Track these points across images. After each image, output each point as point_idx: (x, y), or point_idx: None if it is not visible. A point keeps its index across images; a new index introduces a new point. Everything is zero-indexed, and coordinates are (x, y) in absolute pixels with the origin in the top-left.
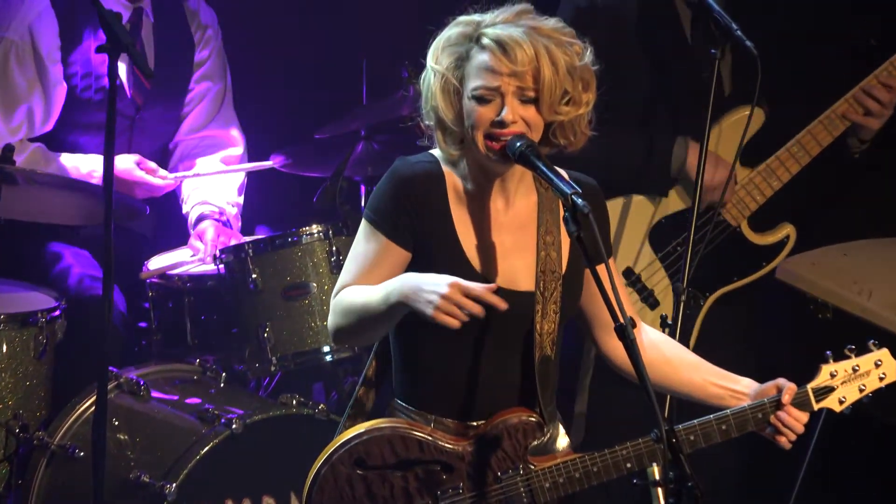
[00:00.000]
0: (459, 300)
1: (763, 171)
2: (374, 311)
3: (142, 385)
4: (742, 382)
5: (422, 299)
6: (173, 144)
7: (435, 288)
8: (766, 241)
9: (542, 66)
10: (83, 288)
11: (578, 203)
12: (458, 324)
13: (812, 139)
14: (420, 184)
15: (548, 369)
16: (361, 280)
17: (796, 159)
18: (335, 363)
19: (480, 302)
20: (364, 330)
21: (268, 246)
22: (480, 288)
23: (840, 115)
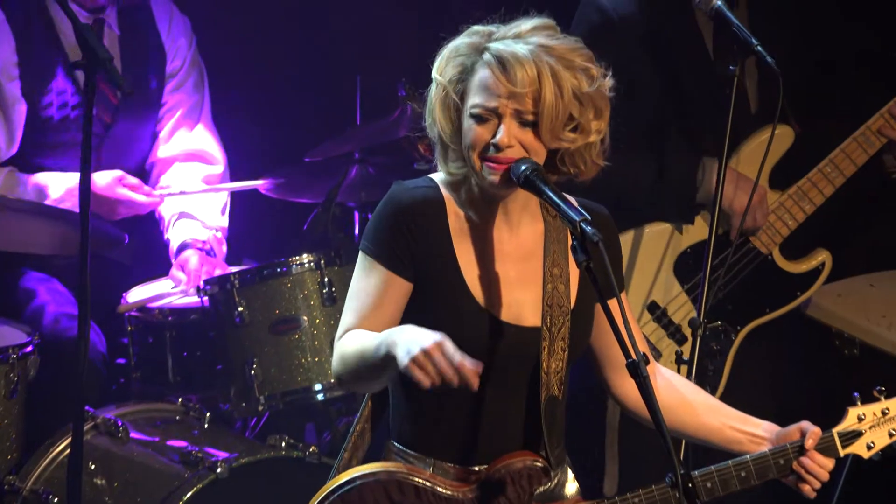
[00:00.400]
0: (437, 360)
1: (794, 195)
2: (369, 361)
3: (120, 426)
4: (762, 426)
5: (403, 347)
6: (150, 164)
7: (419, 339)
8: (800, 269)
9: (544, 88)
10: (60, 329)
11: (588, 231)
12: (428, 383)
13: (846, 158)
14: (419, 210)
15: (555, 410)
16: (366, 318)
17: (829, 180)
18: (327, 402)
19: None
20: (362, 379)
21: (255, 277)
22: (463, 360)
23: (875, 131)
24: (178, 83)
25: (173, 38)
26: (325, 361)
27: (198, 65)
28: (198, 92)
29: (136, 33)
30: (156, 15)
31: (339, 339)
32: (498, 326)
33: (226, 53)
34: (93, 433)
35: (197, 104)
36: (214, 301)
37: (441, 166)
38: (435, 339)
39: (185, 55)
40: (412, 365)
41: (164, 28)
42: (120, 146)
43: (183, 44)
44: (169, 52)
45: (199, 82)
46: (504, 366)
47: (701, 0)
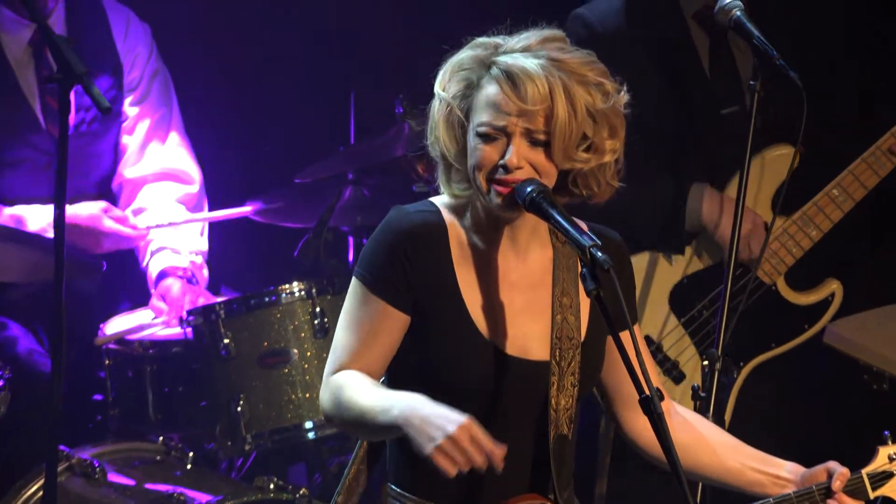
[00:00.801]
0: (466, 447)
1: (799, 220)
2: (370, 424)
3: (97, 466)
4: (786, 467)
5: (425, 434)
6: (117, 186)
7: (444, 425)
8: (807, 301)
9: (557, 105)
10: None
11: (598, 257)
12: (455, 472)
13: (855, 181)
14: (419, 236)
15: (564, 449)
16: (359, 353)
17: (837, 205)
18: (319, 441)
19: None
20: (358, 432)
21: (242, 307)
22: (490, 445)
23: (886, 150)
24: (140, 96)
25: (130, 46)
26: (316, 397)
27: (161, 75)
28: (164, 104)
29: (87, 40)
30: (111, 21)
31: (331, 373)
32: (503, 360)
33: (211, 68)
34: (67, 474)
35: (164, 118)
36: (198, 333)
37: (444, 188)
38: (460, 422)
39: (143, 65)
40: (437, 454)
41: (120, 36)
42: (79, 164)
43: (142, 52)
44: (125, 62)
45: (163, 94)
46: (510, 402)
47: (719, 10)
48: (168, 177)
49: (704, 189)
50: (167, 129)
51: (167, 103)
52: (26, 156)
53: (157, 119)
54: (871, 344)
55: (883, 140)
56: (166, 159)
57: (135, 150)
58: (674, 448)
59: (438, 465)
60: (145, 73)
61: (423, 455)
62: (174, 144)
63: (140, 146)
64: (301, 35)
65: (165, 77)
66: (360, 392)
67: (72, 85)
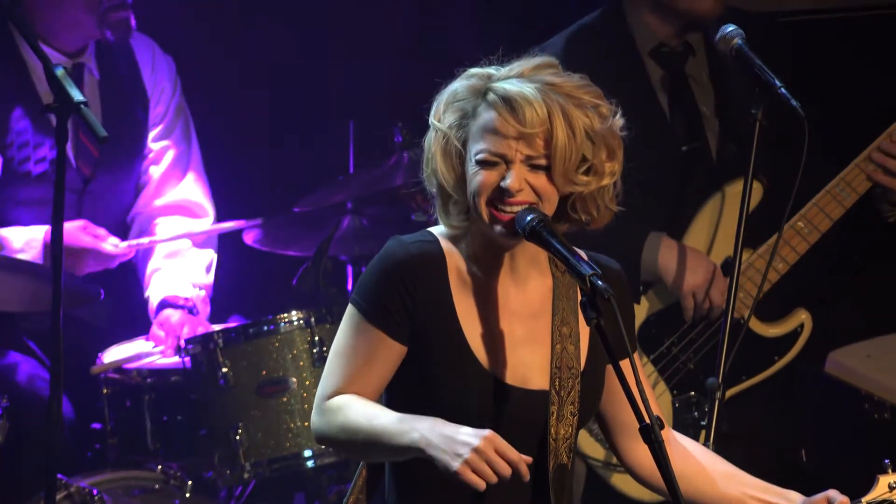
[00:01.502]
0: (492, 459)
1: (765, 254)
2: (388, 443)
3: (95, 495)
4: (787, 496)
5: (450, 451)
6: (130, 217)
7: (468, 440)
8: (776, 333)
9: (556, 128)
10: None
11: (599, 285)
12: (484, 485)
13: (820, 212)
14: (417, 267)
15: (563, 479)
16: (353, 380)
17: (803, 237)
18: (318, 470)
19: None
20: (364, 453)
21: (240, 335)
22: (517, 455)
23: (849, 182)
24: (164, 132)
25: (157, 80)
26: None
27: (183, 111)
28: (185, 141)
29: (117, 78)
30: (137, 55)
31: (325, 397)
32: (503, 390)
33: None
34: (65, 503)
35: (184, 154)
36: (197, 361)
37: (442, 219)
38: (485, 435)
39: (168, 100)
40: (465, 469)
41: (147, 70)
42: (101, 200)
43: (167, 87)
44: (152, 97)
45: (185, 130)
46: (509, 432)
47: (720, 39)
48: (180, 210)
49: (661, 238)
50: (187, 166)
51: (187, 140)
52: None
53: (177, 155)
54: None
55: (847, 172)
56: (183, 192)
57: (155, 184)
58: (674, 476)
59: (467, 480)
60: (170, 108)
61: (450, 473)
62: (192, 181)
63: (161, 180)
64: (300, 64)
65: (187, 113)
66: (370, 414)
67: (69, 114)
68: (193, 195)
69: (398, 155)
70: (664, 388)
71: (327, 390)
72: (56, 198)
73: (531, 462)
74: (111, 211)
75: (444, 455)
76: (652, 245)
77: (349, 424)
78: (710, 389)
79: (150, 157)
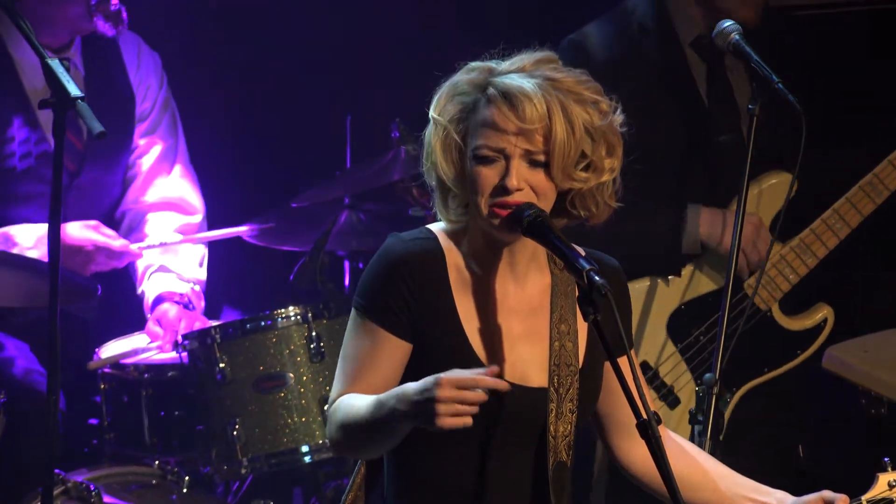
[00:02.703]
0: (458, 396)
1: (796, 247)
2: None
3: (93, 490)
4: (775, 496)
5: (421, 413)
6: (120, 213)
7: (427, 395)
8: (800, 326)
9: (555, 124)
10: (25, 382)
11: (596, 281)
12: (470, 420)
13: (852, 208)
14: (417, 264)
15: (563, 477)
16: (360, 383)
17: (834, 232)
18: (315, 465)
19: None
20: (368, 447)
21: (238, 331)
22: (473, 374)
23: (882, 178)
24: (150, 126)
25: (142, 77)
26: (312, 421)
27: (170, 106)
28: (172, 135)
29: (102, 72)
30: (123, 52)
31: (331, 403)
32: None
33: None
34: (63, 498)
35: (171, 148)
36: (194, 357)
37: (441, 214)
38: (435, 383)
39: (155, 95)
40: (444, 420)
41: (133, 66)
42: (87, 195)
43: (153, 83)
44: (138, 93)
45: (172, 125)
46: (508, 429)
47: (718, 34)
48: (171, 206)
49: (700, 209)
50: (174, 160)
51: (174, 134)
52: (42, 190)
53: (164, 150)
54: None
55: (880, 168)
56: (171, 190)
57: (142, 180)
58: (671, 471)
59: (453, 426)
60: (157, 103)
61: (434, 430)
62: (179, 175)
63: (147, 176)
64: (297, 60)
65: (174, 108)
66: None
67: (66, 109)
68: (182, 191)
69: (395, 150)
70: (689, 377)
71: (333, 395)
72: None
73: (497, 371)
74: (98, 206)
75: (418, 418)
76: (692, 216)
77: (344, 421)
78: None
79: (137, 152)
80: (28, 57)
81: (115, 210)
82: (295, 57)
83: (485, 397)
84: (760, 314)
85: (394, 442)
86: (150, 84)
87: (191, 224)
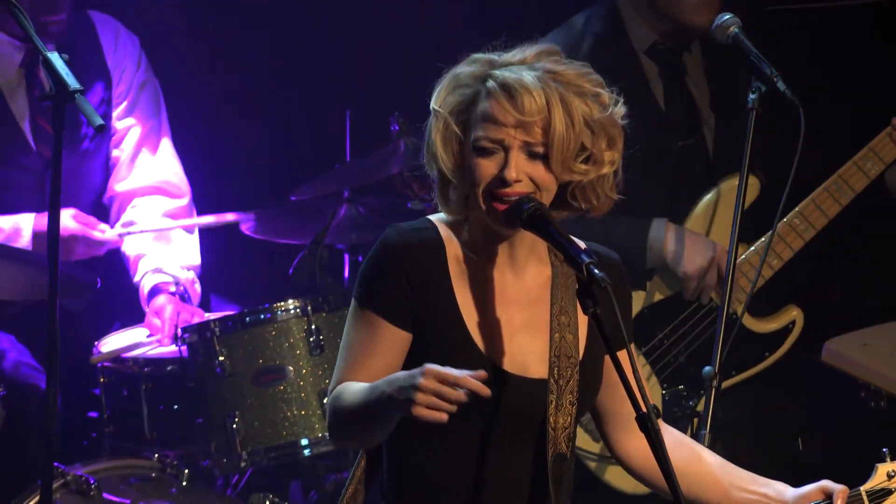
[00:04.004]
0: (437, 389)
1: (759, 249)
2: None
3: (92, 484)
4: (773, 486)
5: (401, 398)
6: (108, 199)
7: (410, 381)
8: (767, 328)
9: (554, 116)
10: (20, 376)
11: (595, 273)
12: (445, 417)
13: (816, 209)
14: (416, 255)
15: (562, 469)
16: (360, 372)
17: (798, 233)
18: (314, 458)
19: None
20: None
21: (237, 324)
22: (457, 373)
23: (846, 180)
24: (127, 109)
25: (118, 59)
26: (311, 415)
27: (149, 87)
28: (153, 116)
29: (77, 55)
30: (100, 36)
31: (331, 391)
32: (502, 377)
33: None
34: (62, 492)
35: (153, 129)
36: (193, 350)
37: (441, 205)
38: (420, 372)
39: (131, 77)
40: (419, 409)
41: (110, 50)
42: (69, 184)
43: (129, 65)
44: (114, 75)
45: (152, 105)
46: (508, 421)
47: (717, 27)
48: (157, 191)
49: (665, 224)
50: (157, 141)
51: (156, 115)
52: (17, 178)
53: (146, 131)
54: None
55: (845, 169)
56: (156, 172)
57: (125, 163)
58: (671, 463)
59: (425, 418)
60: (133, 84)
61: (409, 417)
62: (164, 156)
63: (130, 159)
64: (297, 53)
65: (155, 88)
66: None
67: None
68: (167, 173)
69: (395, 143)
70: (655, 381)
71: (332, 384)
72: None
73: (485, 376)
74: (80, 193)
75: (401, 405)
76: (657, 231)
77: (341, 408)
78: (707, 378)
79: (117, 136)
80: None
81: (100, 197)
82: (295, 50)
83: (464, 398)
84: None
85: (387, 429)
86: (125, 66)
87: (179, 207)
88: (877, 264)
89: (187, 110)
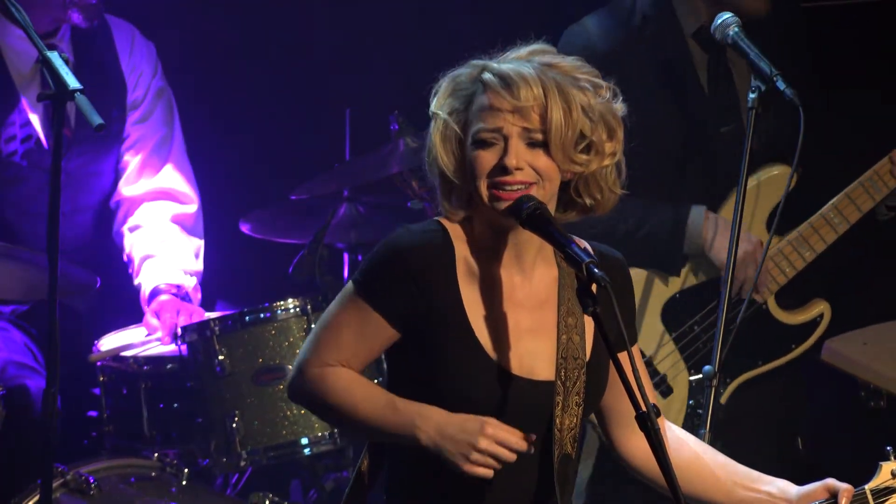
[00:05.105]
0: (496, 452)
1: (794, 241)
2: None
3: (92, 483)
4: (776, 485)
5: (455, 451)
6: (115, 203)
7: (467, 438)
8: (796, 321)
9: (551, 103)
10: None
11: (595, 272)
12: (492, 473)
13: (851, 204)
14: (425, 257)
15: (567, 470)
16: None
17: (832, 226)
18: (314, 458)
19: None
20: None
21: (237, 323)
22: (518, 438)
23: (882, 175)
24: (142, 115)
25: (135, 64)
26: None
27: (165, 95)
28: (166, 125)
29: (92, 60)
30: (116, 39)
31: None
32: (509, 380)
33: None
34: (62, 491)
35: (165, 138)
36: (193, 349)
37: (444, 208)
38: (483, 431)
39: (147, 83)
40: (471, 467)
41: (125, 54)
42: (76, 183)
43: (146, 71)
44: (129, 81)
45: (166, 114)
46: (514, 422)
47: (717, 27)
48: (166, 196)
49: (703, 212)
50: (168, 150)
51: (169, 123)
52: (27, 174)
53: (158, 139)
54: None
55: (879, 165)
56: (165, 179)
57: (135, 169)
58: (670, 463)
59: (475, 475)
60: (149, 91)
61: (458, 471)
62: (174, 165)
63: (140, 165)
64: (297, 52)
65: (169, 97)
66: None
67: (65, 101)
68: (177, 181)
69: (394, 143)
70: (683, 367)
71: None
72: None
73: (534, 439)
74: (90, 195)
75: (451, 456)
76: (696, 219)
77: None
78: (707, 378)
79: (129, 141)
80: (14, 43)
81: (108, 199)
82: (294, 50)
83: (513, 458)
84: (755, 307)
85: (386, 441)
86: (142, 71)
87: (186, 214)
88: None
89: (187, 110)
